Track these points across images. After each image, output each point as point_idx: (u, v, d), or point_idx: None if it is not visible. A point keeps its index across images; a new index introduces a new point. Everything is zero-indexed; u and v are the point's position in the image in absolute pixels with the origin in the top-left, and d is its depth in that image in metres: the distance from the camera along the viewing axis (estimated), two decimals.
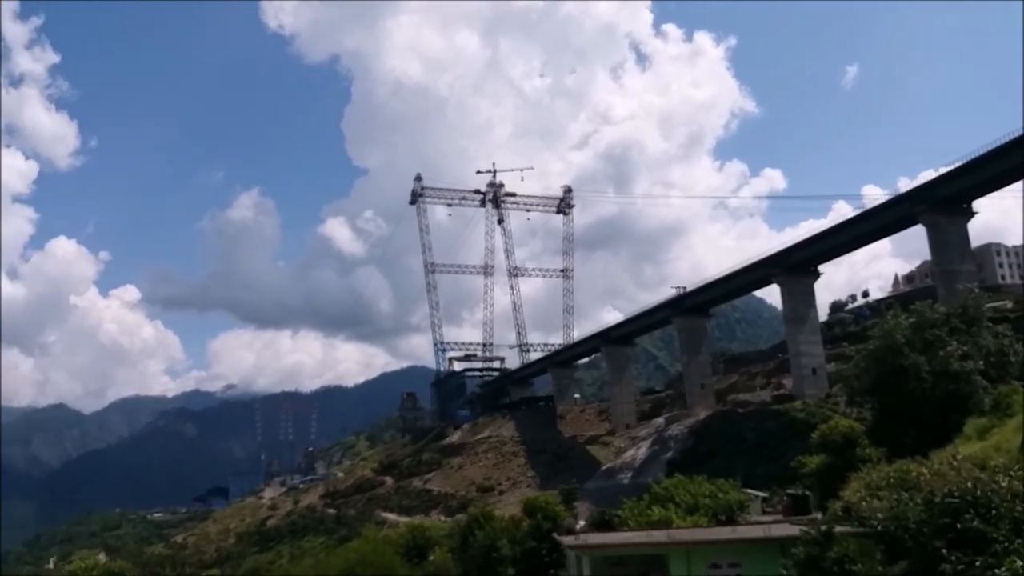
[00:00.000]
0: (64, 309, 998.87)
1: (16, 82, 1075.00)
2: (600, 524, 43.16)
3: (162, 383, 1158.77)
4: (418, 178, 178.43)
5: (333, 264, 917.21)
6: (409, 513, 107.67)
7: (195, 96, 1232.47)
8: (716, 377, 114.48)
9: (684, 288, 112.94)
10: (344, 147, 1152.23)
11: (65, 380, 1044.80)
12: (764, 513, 44.25)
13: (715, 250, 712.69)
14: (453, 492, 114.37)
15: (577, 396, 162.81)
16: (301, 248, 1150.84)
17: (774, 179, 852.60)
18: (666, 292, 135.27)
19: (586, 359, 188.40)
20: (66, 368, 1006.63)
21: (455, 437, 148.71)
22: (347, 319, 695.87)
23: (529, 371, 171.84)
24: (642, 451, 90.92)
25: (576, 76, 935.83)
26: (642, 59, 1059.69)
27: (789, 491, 42.82)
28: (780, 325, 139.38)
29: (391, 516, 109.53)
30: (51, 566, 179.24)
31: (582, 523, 47.71)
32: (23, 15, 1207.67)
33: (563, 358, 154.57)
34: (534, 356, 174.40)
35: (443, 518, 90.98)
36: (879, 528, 20.81)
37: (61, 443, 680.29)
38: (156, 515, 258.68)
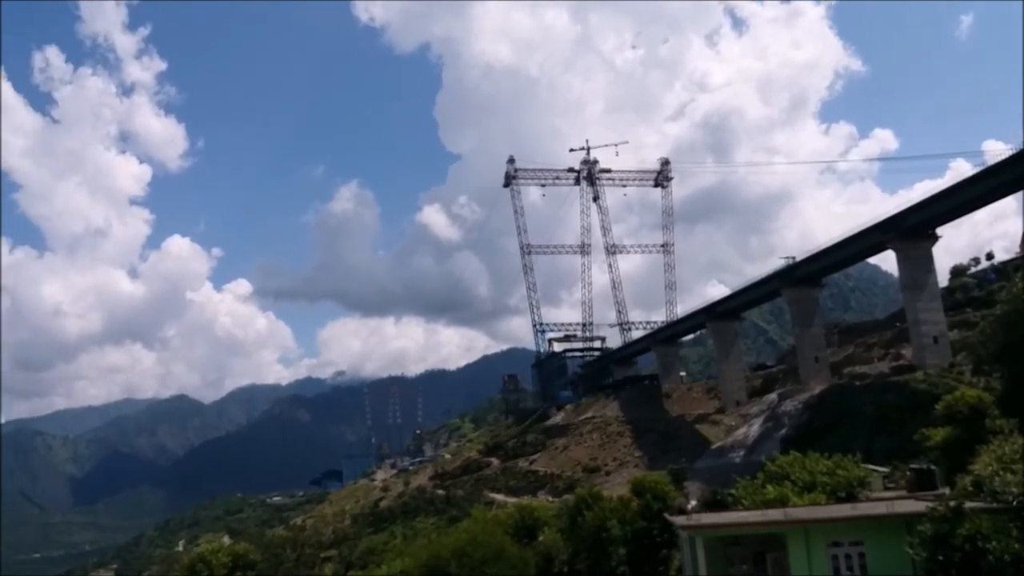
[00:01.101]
0: (181, 304, 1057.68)
1: (128, 91, 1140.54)
2: (712, 504, 42.14)
3: (276, 372, 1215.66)
4: (511, 160, 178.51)
5: (431, 250, 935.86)
6: (516, 494, 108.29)
7: (294, 93, 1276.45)
8: (830, 349, 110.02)
9: (793, 258, 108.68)
10: (437, 134, 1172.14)
11: (185, 372, 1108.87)
12: (886, 489, 42.23)
13: (824, 217, 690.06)
14: (559, 473, 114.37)
15: (683, 374, 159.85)
16: (400, 236, 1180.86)
17: (885, 140, 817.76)
18: (773, 263, 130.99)
19: (691, 336, 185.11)
20: (186, 360, 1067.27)
21: (558, 418, 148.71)
22: (447, 304, 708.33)
23: (631, 350, 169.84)
24: (754, 428, 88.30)
25: (669, 45, 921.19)
26: (738, 24, 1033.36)
27: (913, 466, 40.75)
28: (897, 293, 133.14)
29: (499, 496, 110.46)
30: (180, 549, 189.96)
31: (693, 503, 46.68)
32: (131, 26, 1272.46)
33: (667, 335, 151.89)
34: (636, 334, 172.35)
35: (550, 499, 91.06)
36: (1014, 503, 19.39)
37: (184, 432, 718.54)
38: (275, 499, 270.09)
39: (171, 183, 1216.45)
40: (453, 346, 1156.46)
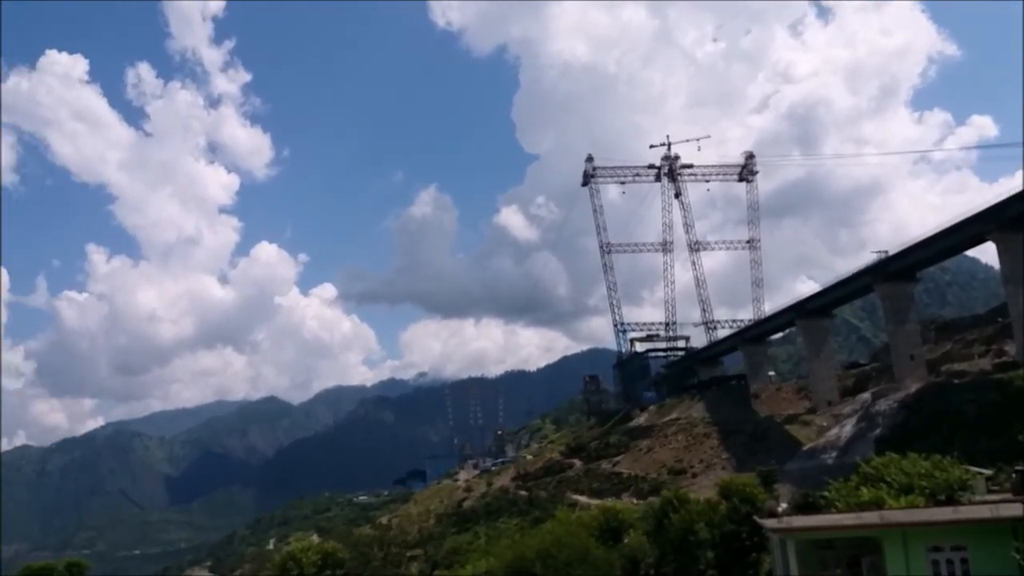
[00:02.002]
0: (270, 309, 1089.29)
1: (215, 103, 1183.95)
2: (804, 507, 40.96)
3: (361, 373, 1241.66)
4: (589, 159, 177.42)
5: (510, 252, 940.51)
6: (599, 495, 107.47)
7: (374, 99, 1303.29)
8: (927, 346, 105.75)
9: (885, 252, 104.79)
10: (515, 135, 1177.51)
11: (274, 374, 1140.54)
12: (990, 492, 40.14)
13: (918, 208, 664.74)
14: (643, 475, 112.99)
15: (772, 374, 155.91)
16: (479, 238, 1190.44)
17: (983, 127, 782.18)
18: (865, 257, 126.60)
19: (780, 334, 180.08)
20: (274, 363, 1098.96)
21: (641, 419, 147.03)
22: (526, 305, 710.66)
23: (717, 349, 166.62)
24: (847, 429, 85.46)
25: (752, 37, 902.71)
26: (823, 12, 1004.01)
27: (1019, 467, 38.71)
28: (998, 286, 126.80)
29: (582, 498, 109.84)
30: (271, 547, 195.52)
31: (784, 506, 45.39)
32: (217, 39, 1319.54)
33: (754, 334, 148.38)
34: (721, 333, 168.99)
35: (635, 501, 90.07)
36: None
37: (273, 433, 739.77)
38: (361, 498, 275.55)
39: (258, 191, 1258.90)
40: (533, 347, 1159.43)
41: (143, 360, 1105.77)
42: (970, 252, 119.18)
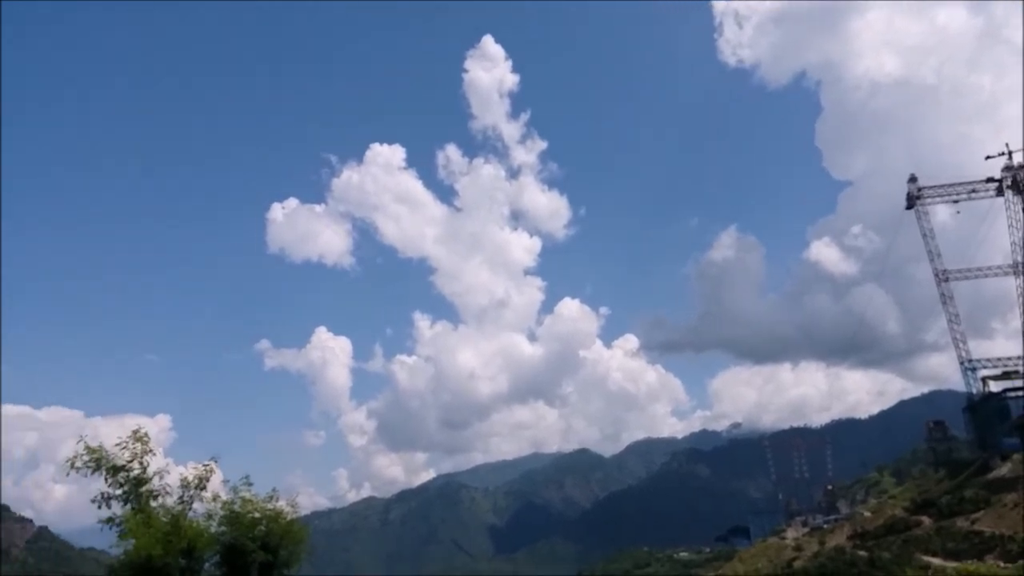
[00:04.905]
0: (575, 362, 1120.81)
1: (515, 173, 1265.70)
2: None
3: (670, 425, 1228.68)
4: (912, 179, 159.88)
5: (825, 288, 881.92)
6: (956, 557, 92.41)
7: (664, 148, 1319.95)
8: None
9: None
10: (820, 163, 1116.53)
11: (584, 427, 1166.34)
12: None
13: None
14: (1011, 534, 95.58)
15: None
16: (788, 277, 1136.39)
17: None
18: None
19: None
20: (583, 415, 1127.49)
21: (1004, 470, 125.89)
22: (850, 345, 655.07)
23: None
24: None
25: None
26: None
27: None
28: None
29: (934, 560, 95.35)
30: None
31: None
32: (514, 114, 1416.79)
33: None
34: None
35: (1001, 564, 75.99)
36: None
37: (588, 485, 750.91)
38: (682, 554, 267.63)
39: (558, 251, 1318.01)
40: (862, 391, 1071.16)
41: (465, 415, 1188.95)
42: None
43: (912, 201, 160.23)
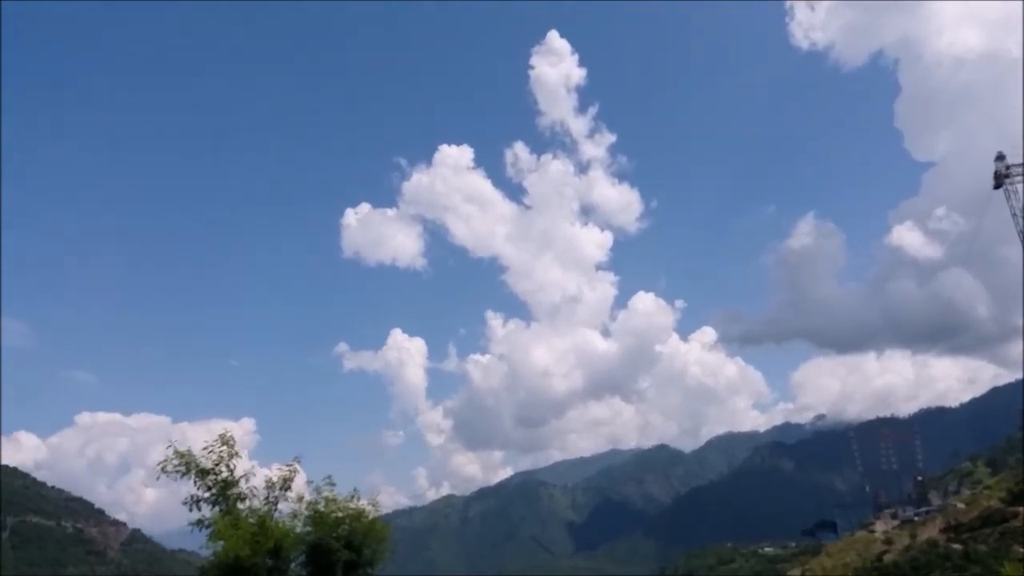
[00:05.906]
0: (652, 357, 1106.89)
1: (584, 168, 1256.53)
2: None
3: (751, 418, 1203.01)
4: (999, 157, 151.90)
5: (909, 273, 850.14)
6: None
7: (738, 137, 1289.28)
8: None
9: None
10: (901, 144, 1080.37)
11: (662, 422, 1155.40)
12: None
13: None
14: None
15: None
16: (869, 263, 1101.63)
17: None
18: None
19: None
20: (661, 410, 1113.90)
21: None
22: (937, 331, 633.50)
23: None
24: None
25: None
26: None
27: None
28: None
29: None
30: None
31: None
32: (581, 108, 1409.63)
33: None
34: None
35: None
36: None
37: (668, 481, 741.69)
38: (766, 549, 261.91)
39: (631, 245, 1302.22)
40: (951, 379, 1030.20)
41: (541, 413, 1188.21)
42: None
43: (1000, 180, 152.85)
